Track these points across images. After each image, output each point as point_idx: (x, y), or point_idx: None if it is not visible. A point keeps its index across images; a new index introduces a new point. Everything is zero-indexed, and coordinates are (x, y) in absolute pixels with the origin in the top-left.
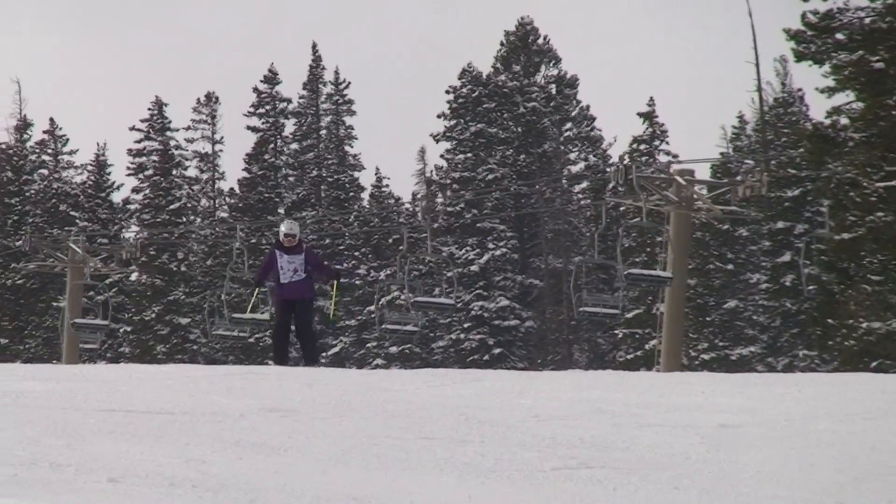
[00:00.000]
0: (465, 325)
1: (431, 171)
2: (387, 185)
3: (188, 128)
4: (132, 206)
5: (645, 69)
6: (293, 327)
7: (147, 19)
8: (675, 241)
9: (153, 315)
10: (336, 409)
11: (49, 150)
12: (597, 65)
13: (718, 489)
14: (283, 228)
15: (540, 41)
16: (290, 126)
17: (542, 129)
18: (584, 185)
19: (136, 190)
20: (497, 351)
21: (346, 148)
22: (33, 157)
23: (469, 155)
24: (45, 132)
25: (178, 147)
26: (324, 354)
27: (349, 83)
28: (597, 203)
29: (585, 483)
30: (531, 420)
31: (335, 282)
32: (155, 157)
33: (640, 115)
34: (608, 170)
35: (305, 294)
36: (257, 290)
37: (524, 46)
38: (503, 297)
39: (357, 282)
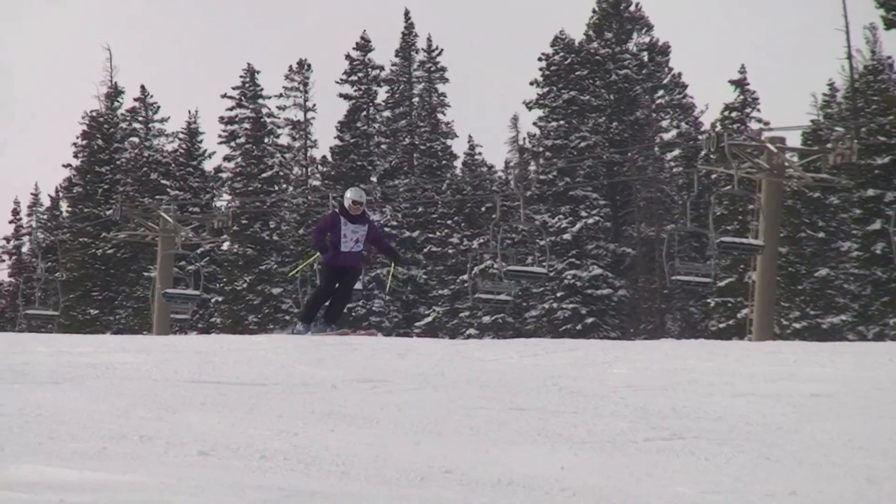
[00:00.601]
0: (558, 295)
1: (524, 139)
2: (479, 153)
3: (280, 95)
4: (224, 175)
5: (736, 36)
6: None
7: None
8: (766, 209)
9: (245, 285)
10: (428, 379)
11: (140, 118)
12: (688, 32)
13: (811, 459)
14: (350, 195)
15: (632, 8)
16: (382, 94)
17: (634, 97)
18: (676, 152)
19: (227, 158)
20: (590, 320)
21: (439, 115)
22: (124, 125)
23: (561, 122)
24: (135, 100)
25: (269, 115)
26: (416, 324)
27: (442, 50)
28: (689, 171)
29: (678, 454)
30: (624, 390)
31: (393, 262)
32: (247, 125)
33: (731, 82)
34: (700, 137)
35: (357, 265)
36: (318, 255)
37: (616, 13)
38: (596, 265)
39: (450, 251)
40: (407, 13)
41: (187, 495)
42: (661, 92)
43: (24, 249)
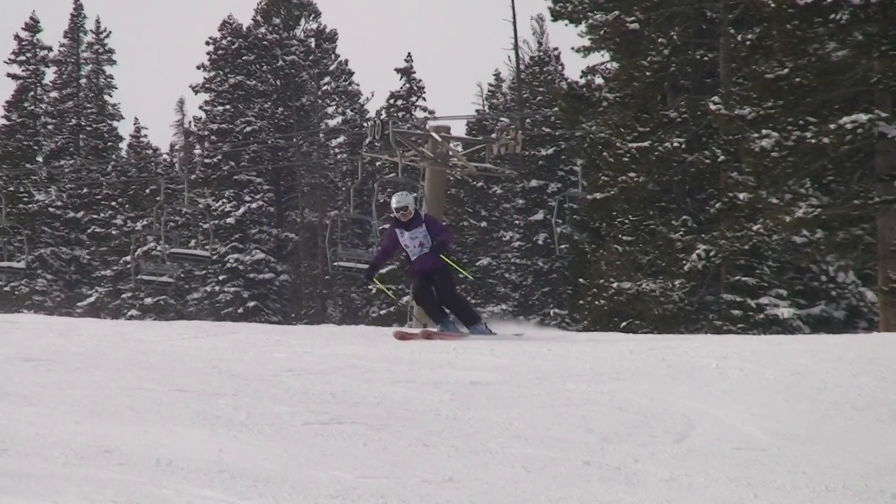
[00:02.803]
0: (220, 278)
1: (190, 123)
2: (145, 136)
3: None
4: None
5: (404, 25)
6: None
7: None
8: (429, 197)
9: None
10: (90, 359)
11: None
12: (356, 19)
13: (467, 446)
14: (393, 204)
15: None
16: (50, 74)
17: (300, 83)
18: (341, 139)
19: None
20: (251, 304)
21: (106, 97)
22: None
23: (228, 107)
24: None
25: None
26: (78, 304)
27: (110, 32)
28: (353, 158)
29: (336, 438)
30: (284, 374)
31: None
32: None
33: (397, 70)
34: (365, 125)
35: (438, 264)
36: (376, 276)
37: (285, 0)
38: (259, 250)
39: (113, 232)
40: None
41: None
42: (327, 78)
43: None
